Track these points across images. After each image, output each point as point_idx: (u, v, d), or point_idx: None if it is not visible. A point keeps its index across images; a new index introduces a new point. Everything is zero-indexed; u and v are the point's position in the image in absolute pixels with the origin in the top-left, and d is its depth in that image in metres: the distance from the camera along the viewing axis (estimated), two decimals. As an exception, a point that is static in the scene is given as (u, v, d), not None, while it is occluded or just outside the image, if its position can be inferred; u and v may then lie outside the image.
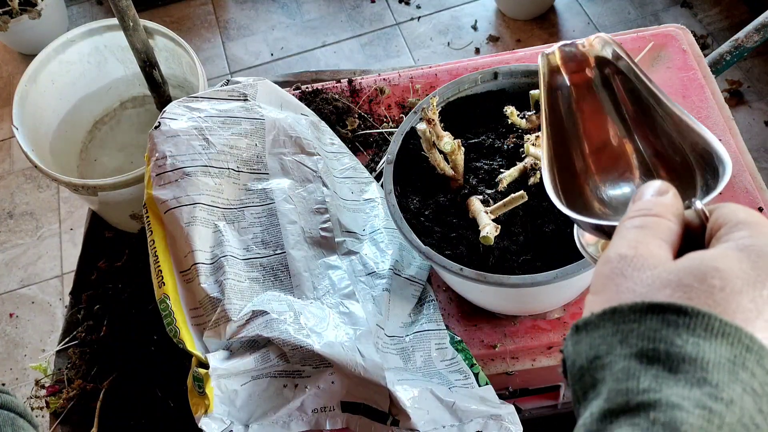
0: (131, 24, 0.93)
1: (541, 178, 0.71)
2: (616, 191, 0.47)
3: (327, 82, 1.03)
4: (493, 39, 2.11)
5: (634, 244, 0.34)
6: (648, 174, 0.46)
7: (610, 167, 0.47)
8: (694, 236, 0.36)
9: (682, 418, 0.27)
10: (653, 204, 0.37)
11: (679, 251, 0.35)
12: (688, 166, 0.43)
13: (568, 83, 0.51)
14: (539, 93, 0.50)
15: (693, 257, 0.33)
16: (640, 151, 0.47)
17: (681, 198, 0.37)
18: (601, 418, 0.29)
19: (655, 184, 0.38)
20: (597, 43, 0.50)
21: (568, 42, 0.52)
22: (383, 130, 0.96)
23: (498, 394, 0.72)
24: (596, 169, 0.48)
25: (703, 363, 0.29)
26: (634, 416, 0.28)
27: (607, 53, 0.50)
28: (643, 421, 0.28)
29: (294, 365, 0.69)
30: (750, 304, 0.31)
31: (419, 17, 2.21)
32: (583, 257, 0.47)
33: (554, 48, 0.52)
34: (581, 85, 0.51)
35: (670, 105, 0.45)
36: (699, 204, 0.36)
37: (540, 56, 0.52)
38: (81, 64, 1.10)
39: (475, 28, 2.15)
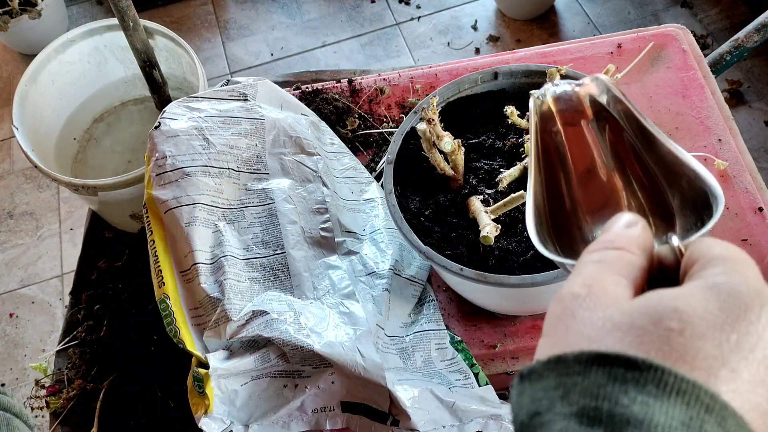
0: (131, 24, 0.93)
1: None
2: None
3: (327, 82, 1.03)
4: (493, 39, 2.11)
5: (588, 281, 0.31)
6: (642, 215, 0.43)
7: (602, 209, 0.44)
8: (670, 277, 0.33)
9: None
10: (617, 236, 0.33)
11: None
12: (684, 206, 0.40)
13: (560, 128, 0.47)
14: (529, 134, 0.47)
15: (651, 296, 0.29)
16: (635, 192, 0.44)
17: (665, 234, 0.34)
18: None
19: (624, 217, 0.34)
20: (594, 88, 0.47)
21: (562, 83, 0.48)
22: (383, 130, 0.96)
23: (498, 394, 0.72)
24: (587, 211, 0.44)
25: (651, 427, 0.25)
26: None
27: (603, 99, 0.46)
28: None
29: (294, 365, 0.69)
30: (714, 351, 0.27)
31: (419, 17, 2.21)
32: None
33: (546, 91, 0.48)
34: (574, 128, 0.47)
35: (666, 143, 0.42)
36: (675, 240, 0.33)
37: (531, 98, 0.48)
38: (81, 64, 1.10)
39: (475, 28, 2.15)
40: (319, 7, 2.31)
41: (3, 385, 1.69)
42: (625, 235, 0.33)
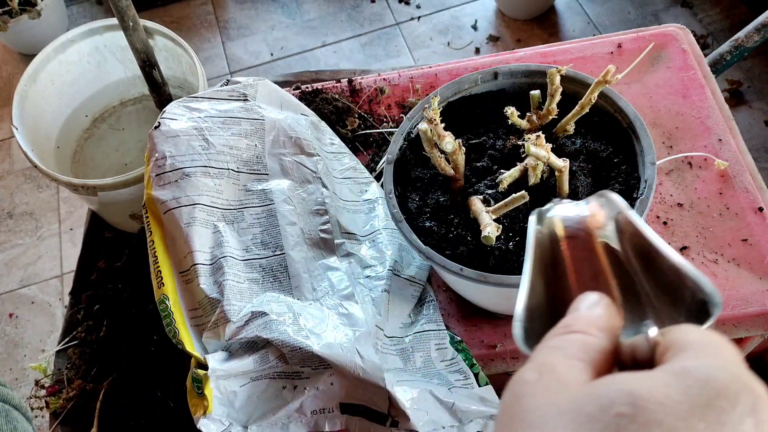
0: (131, 24, 0.93)
1: (542, 179, 0.71)
2: None
3: (327, 82, 1.03)
4: (493, 39, 2.11)
5: (540, 366, 0.28)
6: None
7: None
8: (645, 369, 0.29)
9: None
10: (576, 319, 0.30)
11: None
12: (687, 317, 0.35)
13: (565, 248, 0.43)
14: (529, 247, 0.41)
15: (605, 379, 0.26)
16: (640, 306, 0.39)
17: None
18: None
19: (587, 297, 0.31)
20: (602, 215, 0.42)
21: (567, 205, 0.43)
22: (383, 130, 0.96)
23: (498, 394, 0.72)
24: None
25: None
26: None
27: (610, 228, 0.41)
28: None
29: (293, 367, 0.68)
30: None
31: (419, 17, 2.21)
32: None
33: (554, 214, 0.43)
34: (576, 241, 0.43)
35: (671, 255, 0.37)
36: (651, 328, 0.29)
37: (535, 216, 0.43)
38: (81, 64, 1.10)
39: (475, 28, 2.15)
40: (319, 7, 2.31)
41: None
42: (584, 316, 0.30)
